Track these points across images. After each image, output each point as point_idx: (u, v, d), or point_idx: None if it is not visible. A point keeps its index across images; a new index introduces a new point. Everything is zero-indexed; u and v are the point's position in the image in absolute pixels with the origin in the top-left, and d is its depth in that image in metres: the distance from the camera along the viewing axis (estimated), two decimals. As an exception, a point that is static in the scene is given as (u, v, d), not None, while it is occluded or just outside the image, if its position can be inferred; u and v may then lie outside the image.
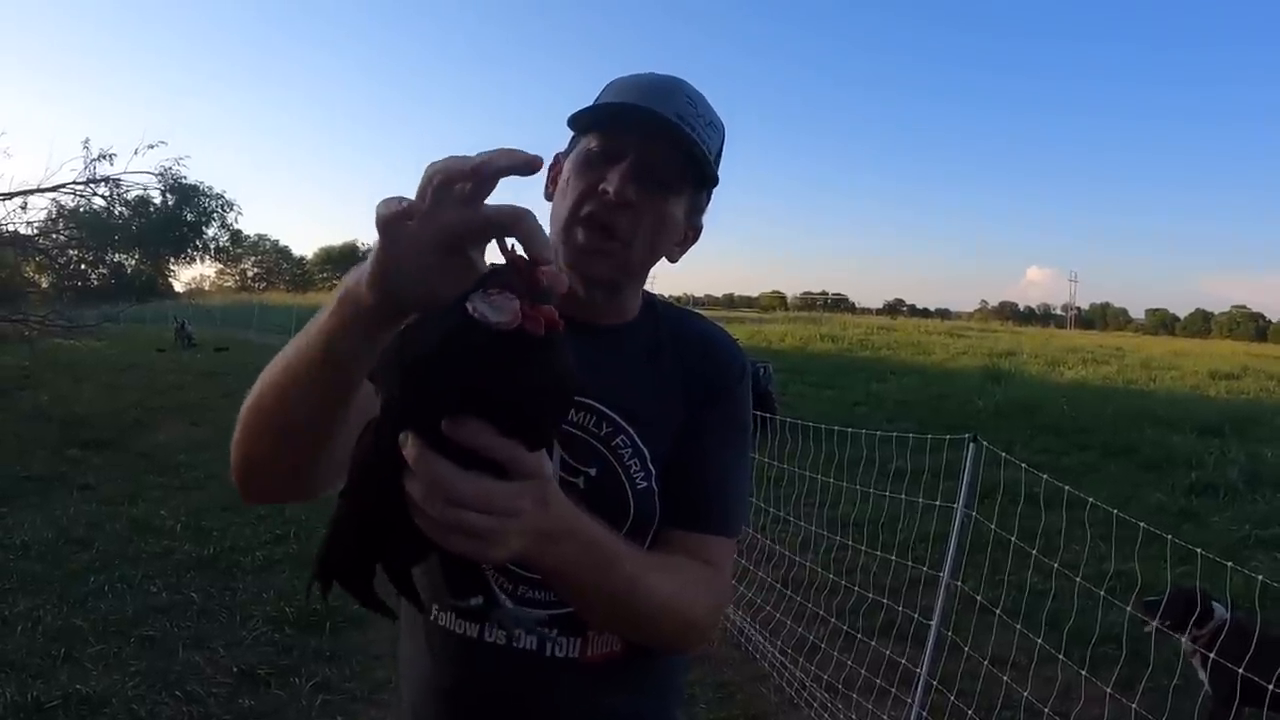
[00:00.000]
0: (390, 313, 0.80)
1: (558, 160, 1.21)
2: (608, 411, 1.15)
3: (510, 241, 0.74)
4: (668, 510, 1.16)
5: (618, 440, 1.15)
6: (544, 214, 1.18)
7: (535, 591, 1.12)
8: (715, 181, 1.19)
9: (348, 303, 0.83)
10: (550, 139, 1.23)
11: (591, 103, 1.16)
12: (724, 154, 1.21)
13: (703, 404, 1.20)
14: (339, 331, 0.84)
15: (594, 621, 1.11)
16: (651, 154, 1.10)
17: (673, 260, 1.23)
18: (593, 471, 1.13)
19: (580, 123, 1.16)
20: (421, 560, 0.88)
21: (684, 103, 1.12)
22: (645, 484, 1.15)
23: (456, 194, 0.75)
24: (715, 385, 1.22)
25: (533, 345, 0.70)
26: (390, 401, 0.77)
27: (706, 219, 1.25)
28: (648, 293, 1.28)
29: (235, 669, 4.03)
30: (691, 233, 1.24)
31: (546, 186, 1.22)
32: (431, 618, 1.18)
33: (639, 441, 1.15)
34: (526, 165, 0.75)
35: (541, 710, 1.15)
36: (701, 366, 1.23)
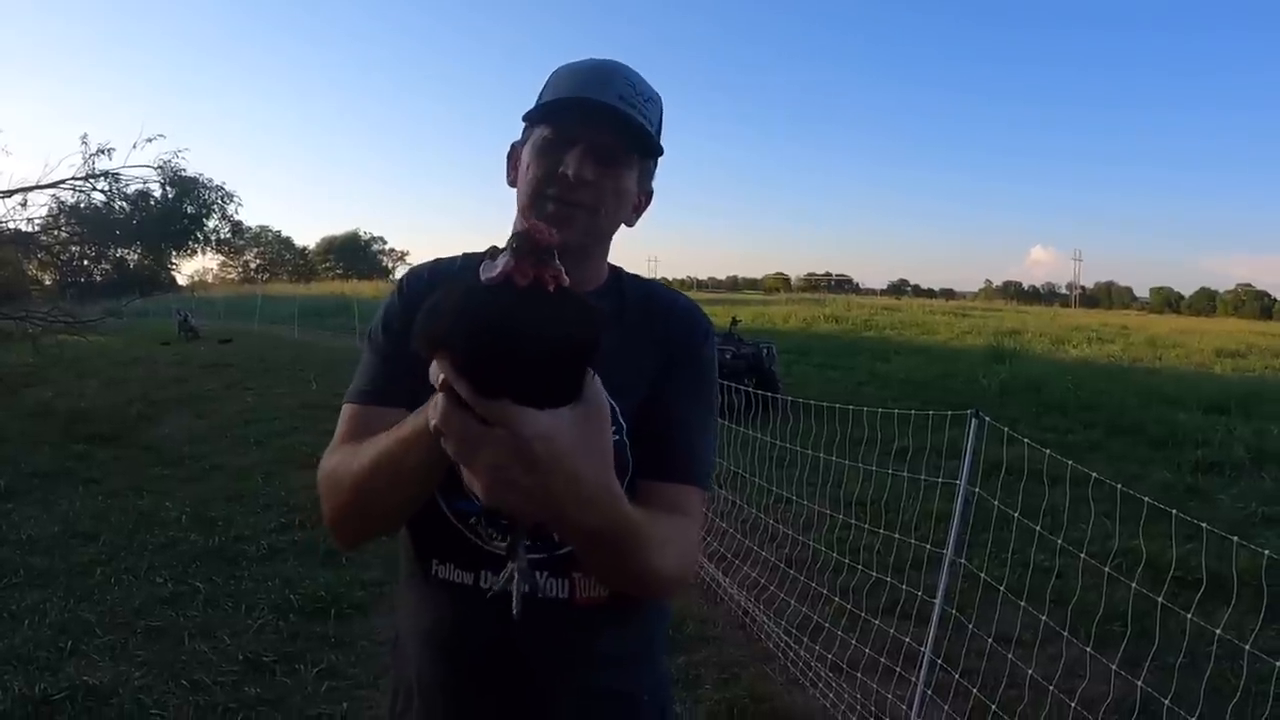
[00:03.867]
0: None
1: (515, 149, 1.34)
2: None
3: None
4: (648, 465, 1.24)
5: None
6: (509, 199, 1.33)
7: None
8: (659, 152, 1.32)
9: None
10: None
11: (541, 88, 1.30)
12: (727, 137, 1.29)
13: (671, 365, 1.30)
14: (427, 446, 0.94)
15: (599, 577, 1.21)
16: (600, 136, 1.23)
17: (630, 225, 1.35)
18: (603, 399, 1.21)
19: (533, 117, 1.28)
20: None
21: (624, 85, 1.24)
22: (617, 437, 1.20)
23: None
24: (682, 347, 1.32)
25: (507, 298, 0.77)
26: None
27: (710, 202, 1.33)
28: (612, 265, 1.39)
29: (241, 657, 4.04)
30: (644, 198, 1.36)
31: (508, 174, 1.35)
32: (433, 572, 1.27)
33: (609, 398, 1.20)
34: None
35: (534, 652, 1.23)
36: (668, 330, 1.33)
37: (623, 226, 1.34)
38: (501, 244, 1.33)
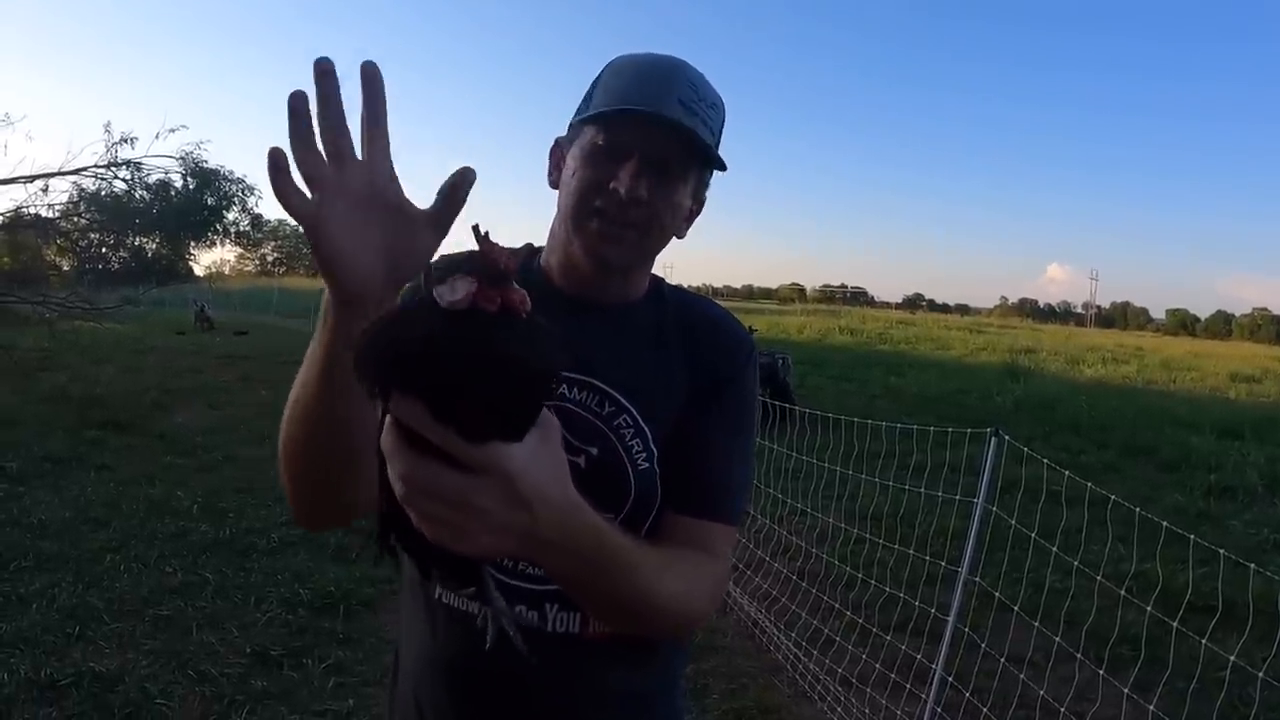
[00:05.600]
0: (356, 301, 0.83)
1: (559, 146, 1.23)
2: (610, 391, 1.16)
3: (484, 229, 0.71)
4: (673, 495, 1.16)
5: (620, 420, 1.15)
6: (549, 200, 1.23)
7: (536, 567, 1.13)
8: (720, 165, 1.20)
9: (327, 309, 0.87)
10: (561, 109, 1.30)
11: (592, 81, 1.19)
12: (743, 145, 1.21)
13: (709, 388, 1.20)
14: (330, 340, 0.88)
15: (598, 617, 1.13)
16: (657, 147, 1.11)
17: (680, 236, 1.22)
18: (594, 451, 1.13)
19: (584, 121, 1.16)
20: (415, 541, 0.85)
21: (686, 88, 1.12)
22: (647, 465, 1.15)
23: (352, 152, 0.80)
24: (722, 368, 1.22)
25: (479, 324, 0.68)
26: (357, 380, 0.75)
27: (727, 210, 1.25)
28: (654, 275, 1.29)
29: (249, 650, 4.04)
30: (697, 207, 1.24)
31: (550, 173, 1.23)
32: (436, 596, 1.20)
33: (641, 421, 1.15)
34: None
35: (542, 685, 1.15)
36: (708, 349, 1.23)
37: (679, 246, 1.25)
38: (538, 242, 1.30)
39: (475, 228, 0.72)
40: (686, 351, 1.22)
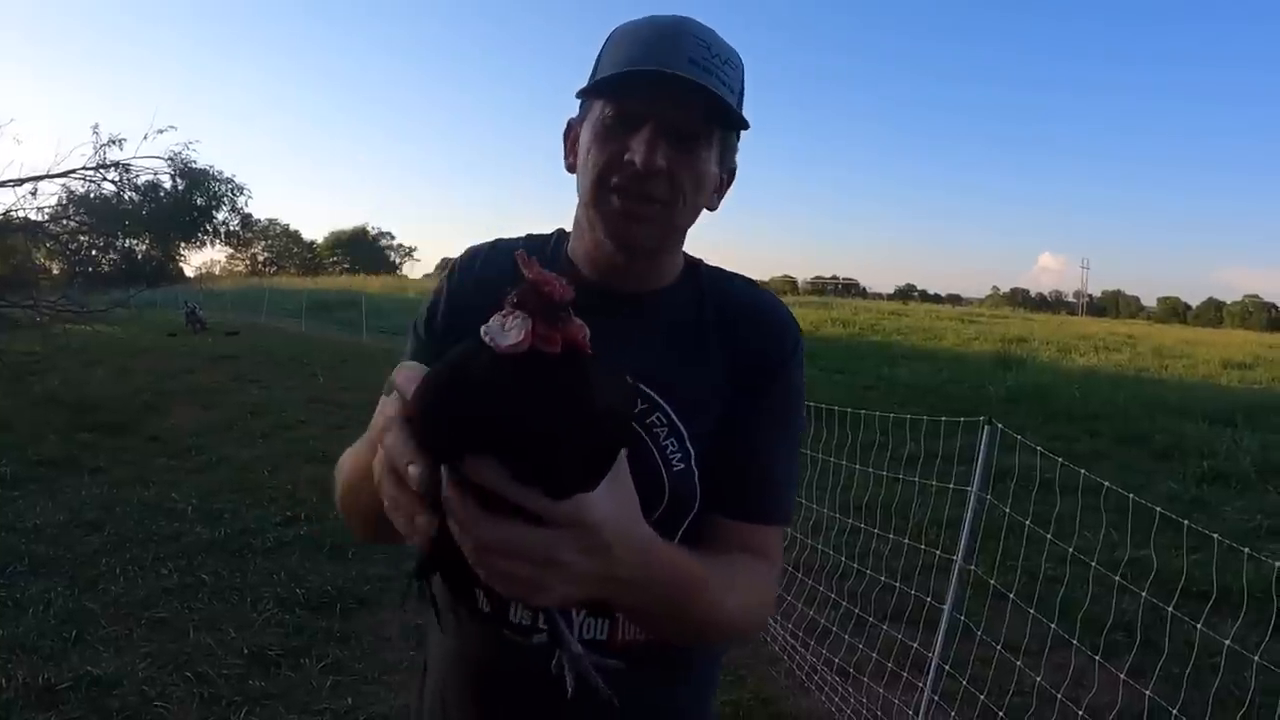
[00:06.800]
0: None
1: (571, 127, 1.15)
2: (641, 387, 1.07)
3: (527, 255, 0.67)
4: (722, 499, 1.10)
5: (653, 418, 1.08)
6: (567, 185, 1.16)
7: None
8: (743, 124, 1.10)
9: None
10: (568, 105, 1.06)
11: (598, 52, 1.10)
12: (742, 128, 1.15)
13: (753, 382, 1.12)
14: None
15: (663, 637, 1.08)
16: (672, 111, 1.02)
17: (712, 208, 1.15)
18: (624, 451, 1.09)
19: (589, 93, 1.08)
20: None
21: (695, 45, 1.03)
22: (682, 465, 1.08)
23: None
24: (767, 361, 1.14)
25: (548, 370, 0.63)
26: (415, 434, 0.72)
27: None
28: (689, 255, 1.21)
29: (246, 650, 4.04)
30: (726, 176, 1.15)
31: (566, 157, 1.15)
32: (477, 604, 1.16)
33: (676, 419, 1.08)
34: None
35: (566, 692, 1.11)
36: (751, 339, 1.15)
37: (704, 212, 1.14)
38: (566, 226, 1.22)
39: (519, 255, 0.66)
40: (727, 341, 1.14)
